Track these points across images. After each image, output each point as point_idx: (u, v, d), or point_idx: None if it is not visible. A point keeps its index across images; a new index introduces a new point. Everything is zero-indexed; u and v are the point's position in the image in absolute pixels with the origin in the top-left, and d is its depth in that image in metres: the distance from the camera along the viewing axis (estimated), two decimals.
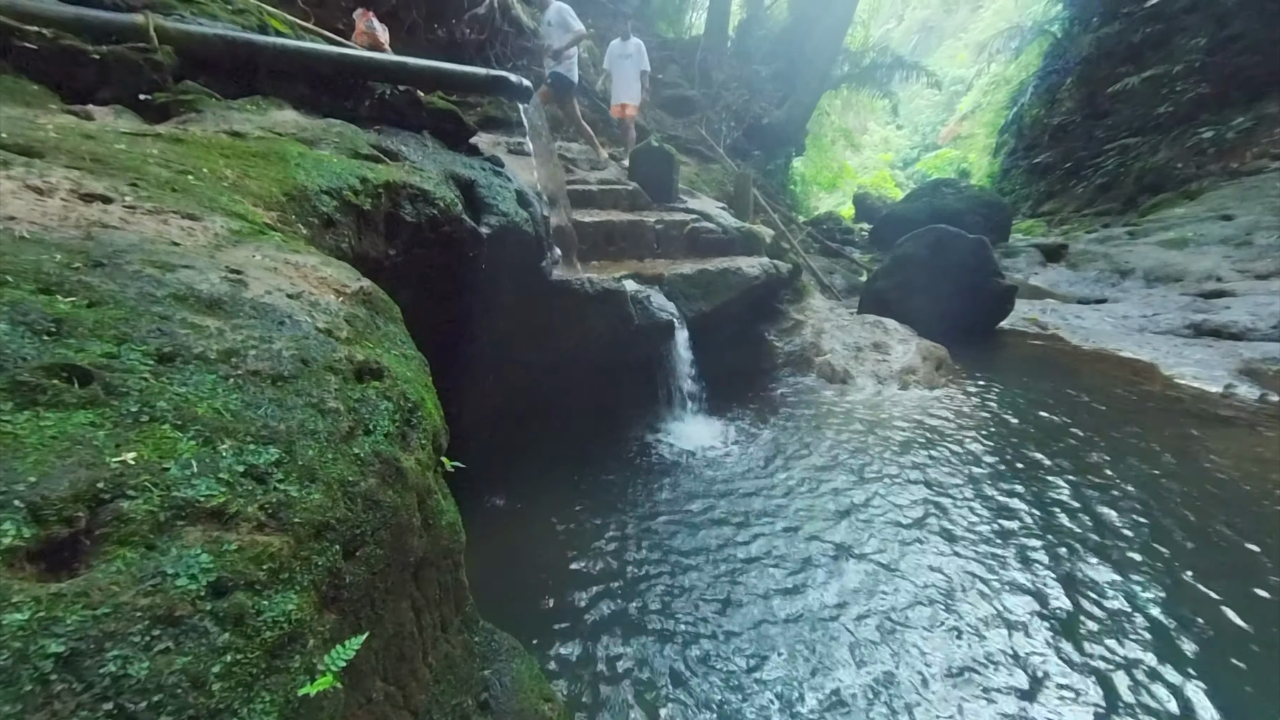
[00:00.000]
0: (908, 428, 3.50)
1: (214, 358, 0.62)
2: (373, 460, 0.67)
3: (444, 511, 0.80)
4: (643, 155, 4.80)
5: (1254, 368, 4.33)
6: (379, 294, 0.98)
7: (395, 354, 0.88)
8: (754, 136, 11.18)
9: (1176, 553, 2.30)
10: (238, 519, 0.51)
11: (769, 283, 4.12)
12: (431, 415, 0.86)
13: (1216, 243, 8.12)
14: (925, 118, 29.04)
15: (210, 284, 0.71)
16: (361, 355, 0.77)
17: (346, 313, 0.83)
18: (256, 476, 0.55)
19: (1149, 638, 1.88)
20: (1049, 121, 16.33)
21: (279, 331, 0.70)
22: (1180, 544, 2.36)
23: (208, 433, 0.55)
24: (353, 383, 0.73)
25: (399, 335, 0.96)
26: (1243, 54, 10.79)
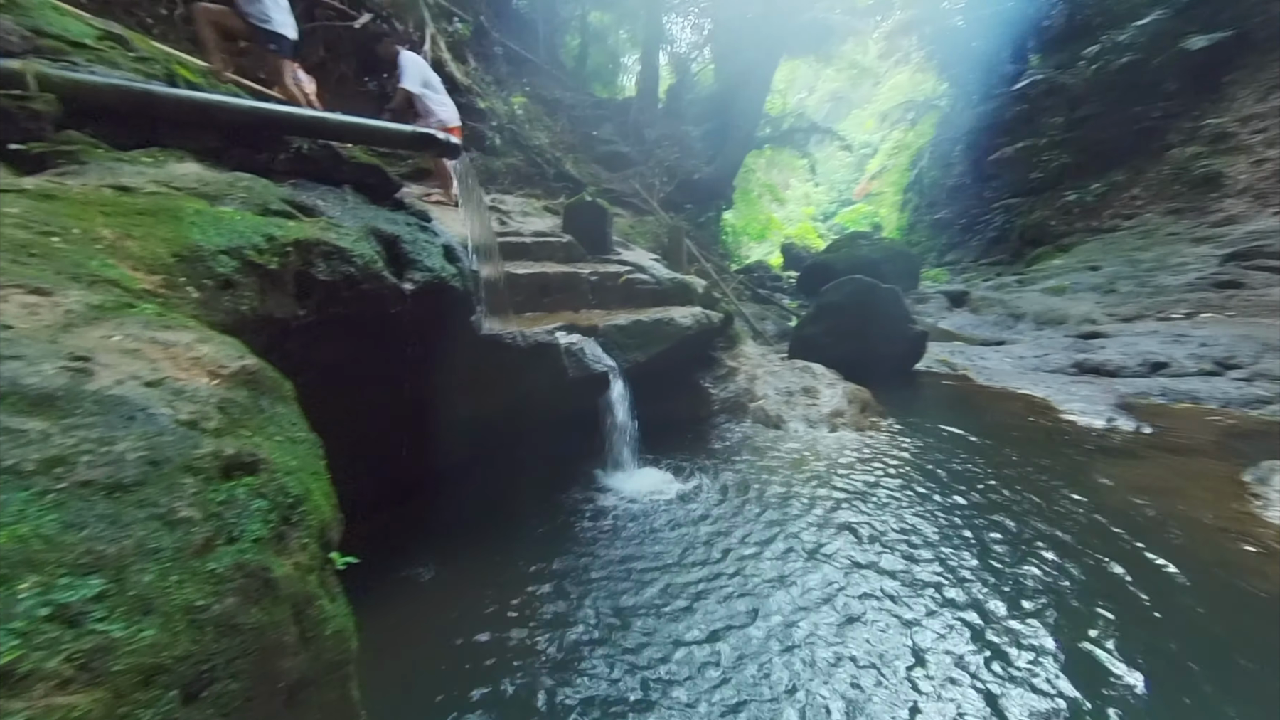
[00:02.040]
0: (838, 469, 3.61)
1: (31, 470, 0.52)
2: (234, 575, 0.58)
3: (329, 619, 0.71)
4: (577, 209, 4.89)
5: (1129, 402, 4.85)
6: (266, 372, 0.89)
7: (279, 440, 0.80)
8: (686, 191, 11.74)
9: (1070, 560, 2.46)
10: (31, 679, 0.42)
11: (702, 332, 4.23)
12: (320, 508, 0.78)
13: (1088, 290, 9.22)
14: (840, 176, 31.72)
15: (42, 376, 0.61)
16: (233, 448, 0.68)
17: (220, 398, 0.74)
18: (67, 619, 0.45)
19: (1055, 627, 1.96)
20: (945, 183, 18.27)
21: (125, 429, 0.61)
22: (1074, 554, 2.52)
23: (4, 570, 0.45)
24: (217, 482, 0.64)
25: (288, 417, 0.88)
26: (1093, 131, 12.67)
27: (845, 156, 25.59)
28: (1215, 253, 8.50)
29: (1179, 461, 3.72)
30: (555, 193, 7.62)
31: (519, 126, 7.56)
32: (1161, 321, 7.37)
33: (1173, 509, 3.05)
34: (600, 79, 18.96)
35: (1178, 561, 2.57)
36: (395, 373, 2.60)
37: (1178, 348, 5.95)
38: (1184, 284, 8.19)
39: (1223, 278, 7.89)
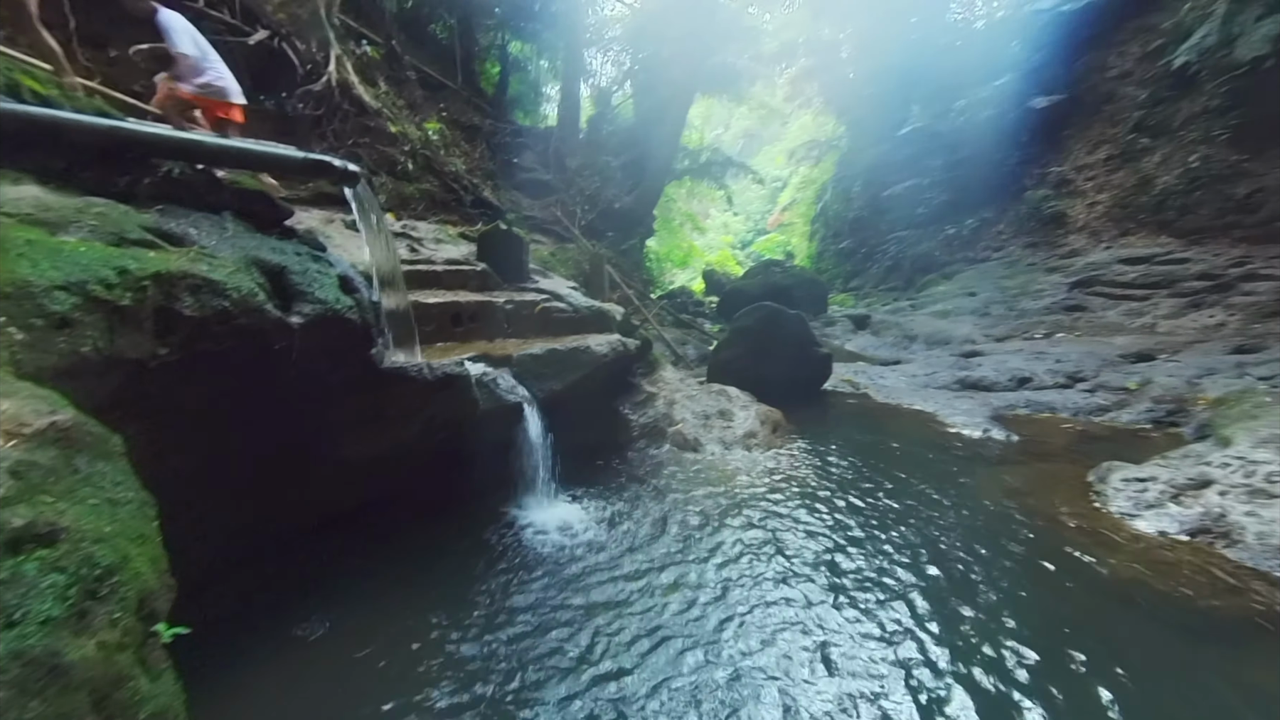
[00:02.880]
0: (751, 490, 3.74)
1: None
2: (7, 666, 0.51)
3: (146, 700, 0.64)
4: (492, 237, 4.84)
5: (1001, 414, 5.44)
6: (85, 427, 0.81)
7: (94, 504, 0.72)
8: (607, 219, 11.95)
9: (952, 554, 2.69)
10: None
11: (618, 359, 4.28)
12: (141, 575, 0.70)
13: (968, 313, 10.31)
14: (756, 207, 33.61)
15: None
16: (24, 518, 0.61)
17: (16, 461, 0.66)
18: None
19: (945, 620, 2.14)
20: (846, 215, 19.87)
21: None
22: (956, 549, 2.77)
23: None
24: (2, 558, 0.57)
25: (110, 475, 0.79)
26: (966, 173, 14.35)
27: (759, 189, 27.19)
28: (1064, 281, 9.83)
29: (1040, 465, 4.20)
30: (473, 219, 7.50)
31: (433, 152, 7.40)
32: (1026, 341, 8.37)
33: (1034, 507, 3.44)
34: (521, 107, 19.03)
35: (1037, 552, 2.90)
36: (282, 413, 2.41)
37: (1038, 364, 6.77)
38: (1042, 308, 9.38)
39: (1070, 302, 9.13)
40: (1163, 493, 3.25)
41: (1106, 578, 2.69)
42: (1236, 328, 7.09)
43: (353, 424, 2.79)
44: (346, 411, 2.72)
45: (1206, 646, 2.22)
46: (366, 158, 6.20)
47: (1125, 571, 2.72)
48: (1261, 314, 7.16)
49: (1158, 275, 8.76)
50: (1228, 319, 7.37)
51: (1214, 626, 2.32)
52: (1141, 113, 10.90)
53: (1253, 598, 2.46)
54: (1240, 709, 1.91)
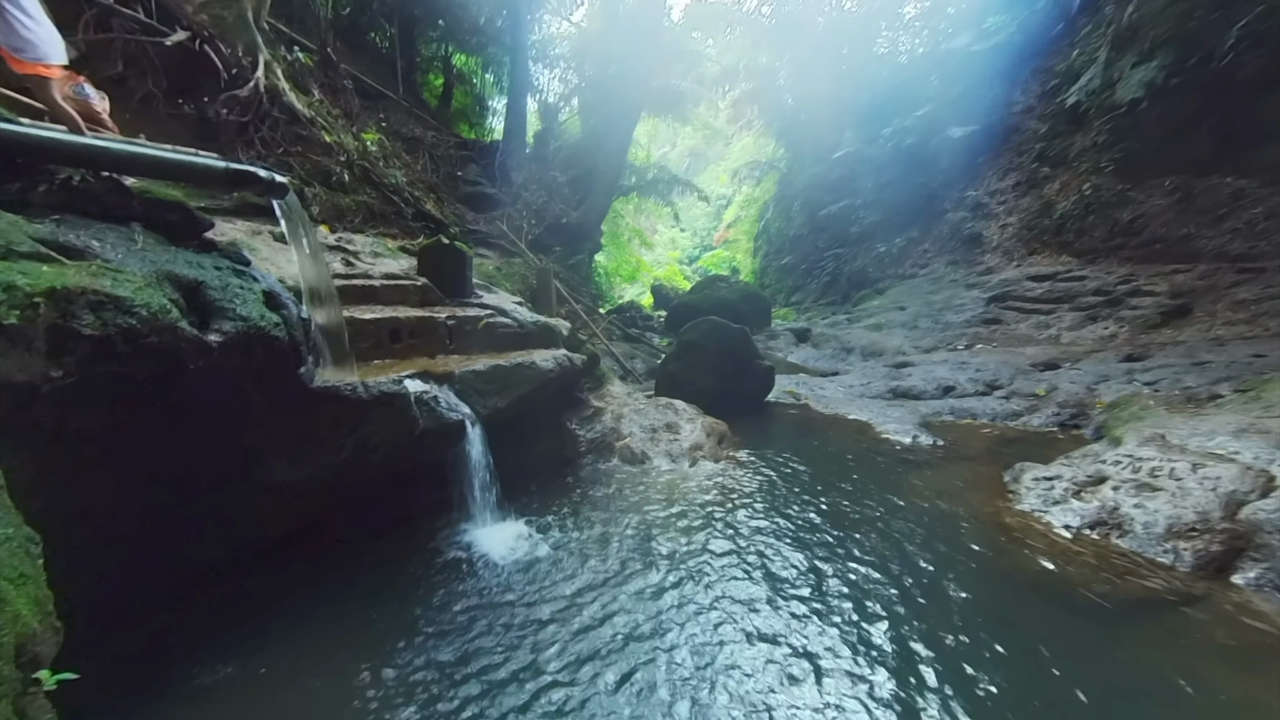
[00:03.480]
0: (696, 500, 3.80)
1: None
2: None
3: None
4: (434, 251, 4.74)
5: (928, 421, 5.79)
6: None
7: None
8: (555, 233, 11.93)
9: (885, 552, 2.84)
10: None
11: (564, 374, 4.27)
12: (20, 618, 0.64)
13: (899, 326, 10.94)
14: (701, 224, 34.49)
15: None
16: None
17: None
18: None
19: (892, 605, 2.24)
20: (787, 233, 20.71)
21: None
22: (888, 547, 2.92)
23: None
24: None
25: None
26: (893, 195, 15.32)
27: (705, 206, 27.95)
28: (982, 296, 10.63)
29: (962, 468, 4.49)
30: (414, 232, 7.31)
31: (372, 163, 7.18)
32: (950, 352, 8.96)
33: (957, 506, 3.68)
34: (466, 120, 18.80)
35: (959, 548, 3.11)
36: (200, 437, 2.26)
37: (961, 373, 7.27)
38: (963, 321, 10.09)
39: (988, 316, 9.87)
40: (1066, 490, 3.55)
41: (1019, 569, 2.91)
42: (1126, 338, 7.89)
43: (280, 447, 2.64)
44: (273, 434, 2.58)
45: (1101, 627, 2.44)
46: (299, 167, 5.94)
47: (1035, 563, 2.95)
48: (1146, 326, 8.01)
49: (1060, 291, 9.64)
50: (1119, 330, 8.20)
51: (1108, 609, 2.55)
52: (1042, 144, 12.04)
53: (1141, 582, 2.72)
54: (1130, 682, 2.10)
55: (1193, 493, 3.07)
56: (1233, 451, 3.32)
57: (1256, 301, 7.33)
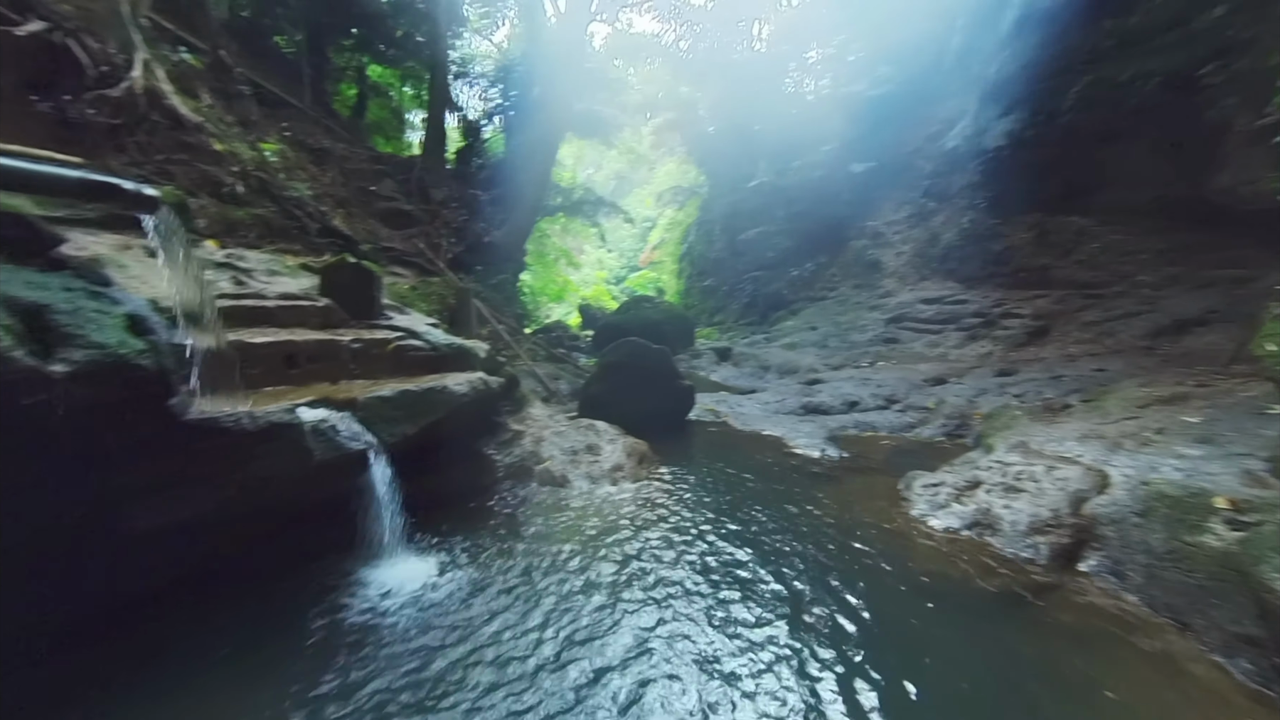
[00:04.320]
0: (616, 520, 3.81)
1: None
2: None
3: None
4: (338, 270, 4.48)
5: (835, 435, 6.19)
6: None
7: None
8: (477, 253, 11.68)
9: (795, 559, 2.99)
10: None
11: (480, 398, 4.15)
12: None
13: (811, 345, 11.65)
14: (628, 245, 35.05)
15: None
16: None
17: None
18: None
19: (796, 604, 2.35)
20: (709, 255, 21.53)
21: None
22: (803, 544, 3.07)
23: None
24: None
25: None
26: (804, 223, 16.41)
27: (630, 228, 28.50)
28: (882, 317, 11.58)
29: (864, 478, 4.83)
30: (319, 249, 6.88)
31: (271, 174, 6.71)
32: (856, 369, 9.65)
33: (858, 514, 3.94)
34: (382, 133, 18.11)
35: (858, 552, 3.32)
36: (44, 482, 1.98)
37: (864, 389, 7.84)
38: (867, 340, 10.93)
39: (888, 335, 10.76)
40: (949, 495, 3.91)
41: (908, 570, 3.16)
42: (1000, 355, 8.89)
43: (148, 490, 2.37)
44: (139, 475, 2.32)
45: (975, 619, 2.70)
46: (183, 177, 5.43)
47: (922, 563, 3.22)
48: (1015, 345, 9.06)
49: (947, 313, 10.71)
50: (994, 348, 9.22)
51: (981, 602, 2.83)
52: (928, 182, 13.44)
53: (1010, 577, 3.04)
54: (1004, 670, 2.33)
55: (1048, 492, 3.49)
56: (1078, 454, 3.82)
57: (1098, 323, 8.53)
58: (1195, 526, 2.67)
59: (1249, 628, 2.23)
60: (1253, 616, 2.19)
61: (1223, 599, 2.37)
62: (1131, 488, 3.19)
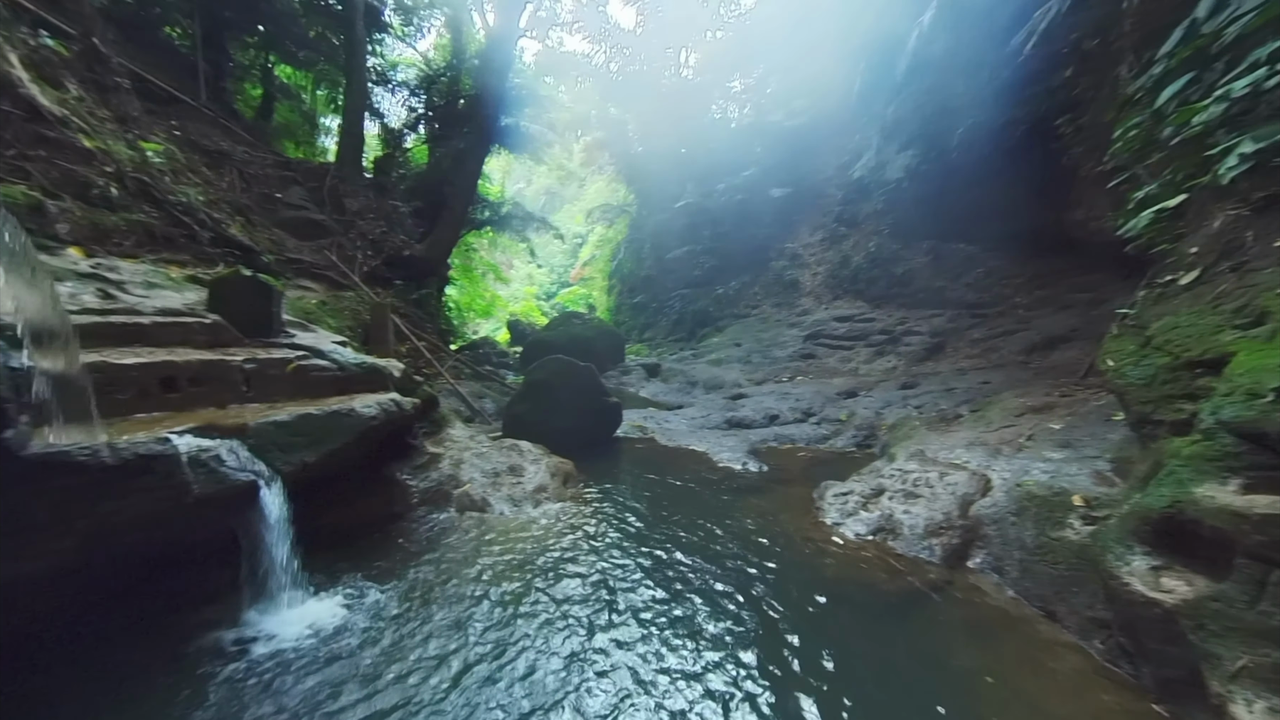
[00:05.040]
0: (538, 544, 3.71)
1: None
2: None
3: None
4: (230, 284, 4.11)
5: (756, 448, 6.41)
6: None
7: None
8: (396, 266, 11.16)
9: (716, 570, 3.04)
10: None
11: (393, 420, 3.93)
12: None
13: (735, 361, 12.05)
14: (559, 260, 34.90)
15: None
16: None
17: None
18: None
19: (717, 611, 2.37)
20: (639, 273, 21.83)
21: None
22: (725, 557, 3.13)
23: None
24: None
25: None
26: (729, 243, 17.08)
27: (561, 244, 28.40)
28: (800, 334, 12.22)
29: (781, 489, 5.03)
30: (211, 260, 6.30)
31: (155, 176, 6.09)
32: (776, 384, 10.09)
33: (775, 524, 4.09)
34: (292, 137, 17.01)
35: (775, 560, 3.44)
36: None
37: (783, 403, 8.20)
38: (787, 356, 11.47)
39: (805, 351, 11.35)
40: (857, 502, 4.15)
41: (820, 576, 3.31)
42: (903, 370, 9.63)
43: None
44: None
45: (879, 619, 2.87)
46: (40, 175, 4.80)
47: (833, 569, 3.38)
48: (916, 359, 9.86)
49: (858, 330, 11.48)
50: (898, 363, 9.98)
51: (885, 603, 3.01)
52: (840, 208, 14.44)
53: (910, 579, 3.26)
54: (901, 663, 2.48)
55: (941, 497, 3.79)
56: (965, 460, 4.19)
57: (984, 340, 9.46)
58: (1058, 523, 2.99)
59: (1100, 611, 2.52)
60: (1103, 601, 2.48)
61: (1080, 587, 2.67)
62: (1008, 490, 3.54)
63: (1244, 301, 2.53)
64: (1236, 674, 1.77)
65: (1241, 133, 2.89)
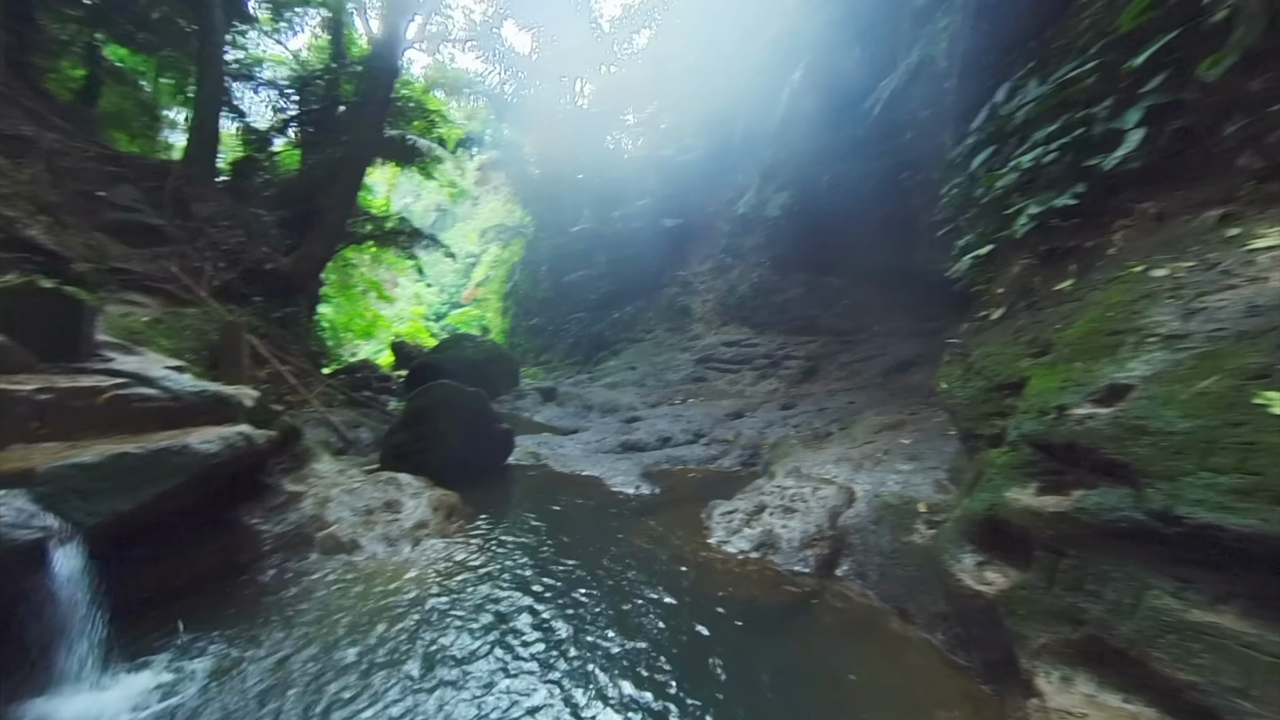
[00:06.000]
0: (415, 587, 3.42)
1: None
2: None
3: None
4: (20, 296, 3.38)
5: (649, 470, 6.51)
6: None
7: None
8: (256, 281, 9.96)
9: (608, 593, 2.99)
10: None
11: (240, 457, 3.44)
12: None
13: (631, 385, 12.23)
14: (450, 280, 33.38)
15: None
16: None
17: None
18: None
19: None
20: (535, 295, 21.54)
21: None
22: (618, 583, 3.08)
23: None
24: None
25: None
26: (624, 269, 17.46)
27: (452, 263, 27.21)
28: (692, 358, 12.74)
29: (674, 510, 5.12)
30: (1, 267, 5.18)
31: None
32: (670, 407, 10.38)
33: (666, 545, 4.15)
34: (124, 128, 14.75)
35: (666, 581, 3.47)
36: None
37: (676, 425, 8.45)
38: (679, 379, 11.87)
39: (696, 375, 11.84)
40: (742, 520, 4.35)
41: (706, 593, 3.40)
42: (784, 392, 10.39)
43: None
44: None
45: (760, 630, 3.00)
46: None
47: (719, 585, 3.49)
48: (794, 382, 10.70)
49: (744, 355, 12.22)
50: (779, 386, 10.76)
51: (766, 614, 3.16)
52: (726, 240, 15.43)
53: (788, 590, 3.45)
54: (776, 668, 2.60)
55: (814, 510, 4.10)
56: (834, 475, 4.58)
57: (851, 364, 10.53)
58: (907, 529, 3.36)
59: (942, 606, 2.84)
60: (944, 597, 2.80)
61: (926, 586, 3.00)
62: (869, 500, 3.92)
63: (1035, 334, 3.06)
64: (1039, 650, 2.08)
65: (1029, 197, 3.55)
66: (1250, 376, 1.79)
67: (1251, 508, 1.58)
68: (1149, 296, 2.42)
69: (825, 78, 9.20)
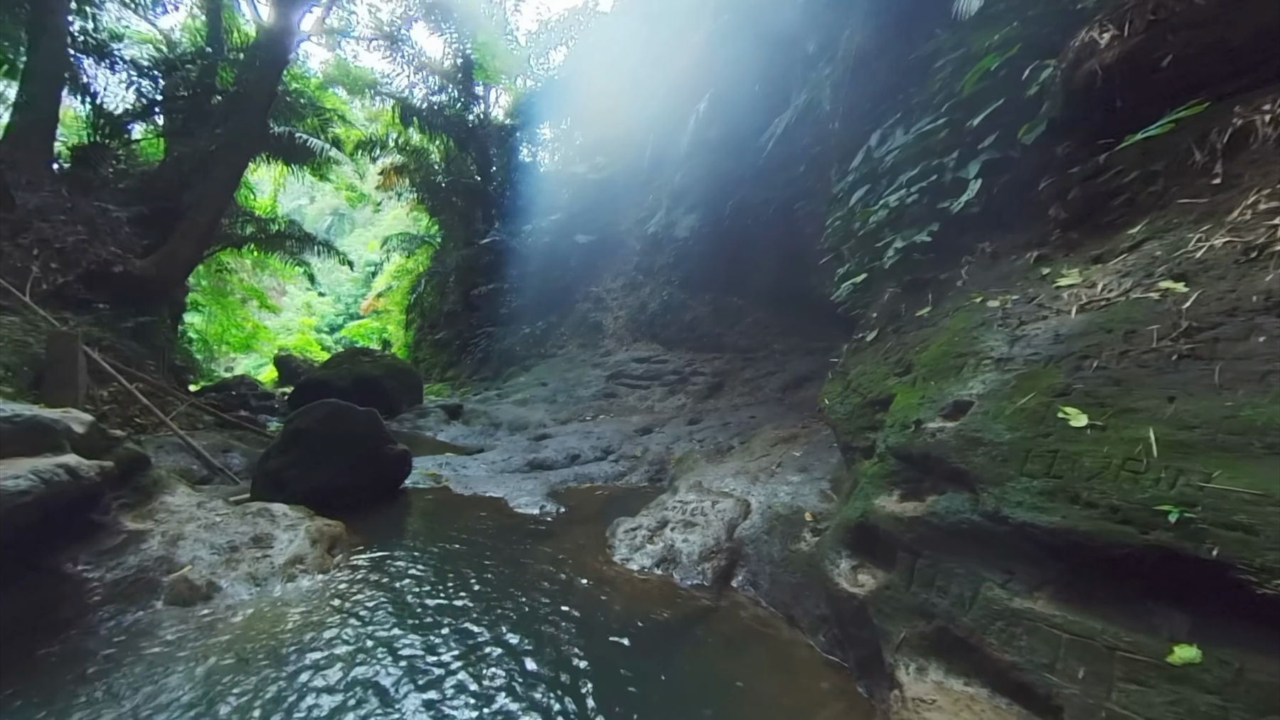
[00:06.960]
0: (286, 633, 3.07)
1: None
2: None
3: None
4: None
5: (556, 489, 6.39)
6: None
7: None
8: (101, 285, 8.63)
9: (518, 613, 2.86)
10: None
11: (58, 493, 2.92)
12: None
13: (541, 401, 12.01)
14: (347, 290, 31.05)
15: None
16: None
17: None
18: None
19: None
20: (442, 308, 20.60)
21: None
22: (517, 609, 2.96)
23: None
24: None
25: None
26: (535, 283, 17.22)
27: (350, 271, 25.35)
28: (603, 374, 12.77)
29: (579, 529, 5.06)
30: None
31: None
32: (580, 423, 10.30)
33: (569, 567, 4.07)
34: None
35: (568, 601, 3.40)
36: None
37: (585, 442, 8.39)
38: (590, 395, 11.84)
39: (608, 391, 11.88)
40: (644, 536, 4.38)
41: (609, 612, 3.38)
42: (691, 407, 10.71)
43: None
44: None
45: (660, 645, 3.02)
46: None
47: (620, 605, 3.48)
48: (702, 398, 11.06)
49: (654, 371, 12.46)
50: (687, 401, 11.07)
51: (665, 630, 3.19)
52: (637, 258, 15.74)
53: (687, 604, 3.52)
54: (673, 680, 2.63)
55: (713, 524, 4.23)
56: (733, 489, 4.76)
57: (753, 379, 11.09)
58: (795, 537, 3.57)
59: (824, 610, 3.04)
60: (825, 601, 2.99)
61: (810, 591, 3.19)
62: (763, 511, 4.12)
63: (900, 355, 3.41)
64: (900, 644, 2.29)
65: (896, 233, 3.97)
66: (1056, 394, 2.11)
67: (1055, 506, 1.85)
68: (985, 324, 2.79)
69: (728, 109, 9.76)
